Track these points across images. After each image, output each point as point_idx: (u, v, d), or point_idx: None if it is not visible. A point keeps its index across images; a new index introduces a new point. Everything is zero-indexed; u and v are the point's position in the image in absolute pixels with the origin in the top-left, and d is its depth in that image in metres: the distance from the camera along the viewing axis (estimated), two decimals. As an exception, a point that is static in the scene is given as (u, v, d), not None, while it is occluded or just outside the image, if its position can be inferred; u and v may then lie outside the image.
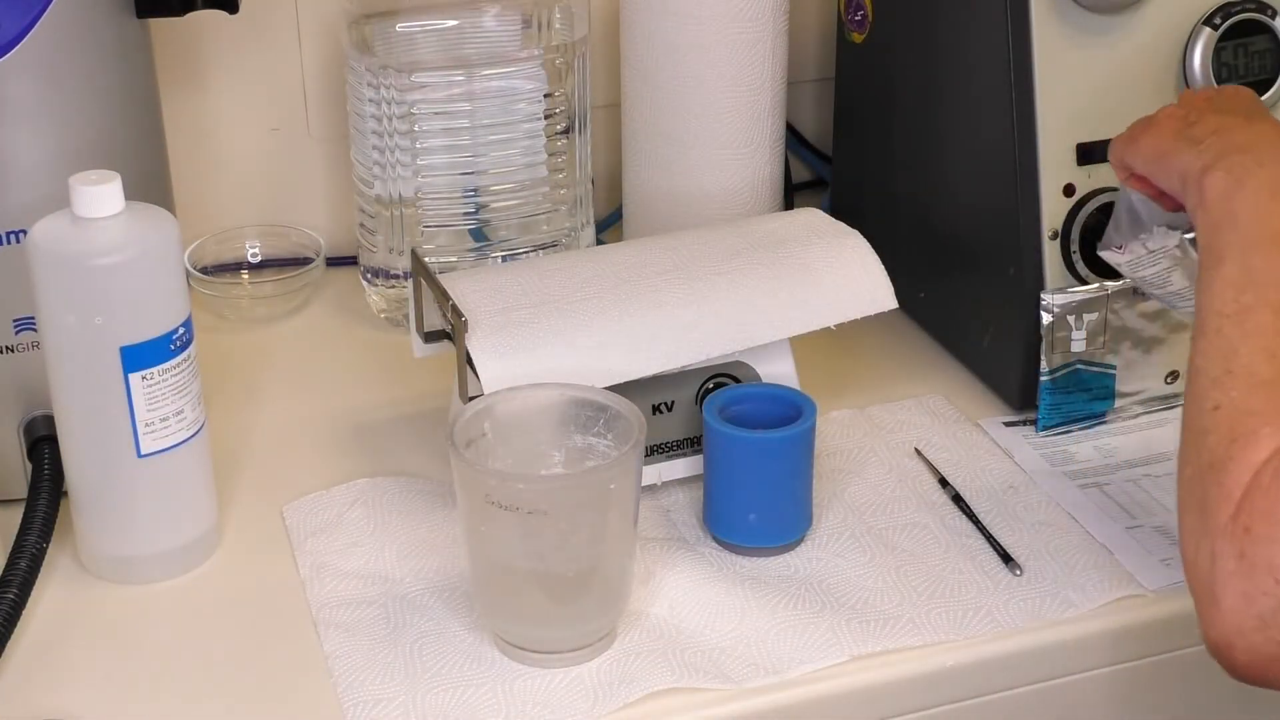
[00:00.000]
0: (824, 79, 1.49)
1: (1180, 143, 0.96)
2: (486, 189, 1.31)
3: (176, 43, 1.34)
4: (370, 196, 1.31)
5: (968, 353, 1.27)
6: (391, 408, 1.23)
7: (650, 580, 1.03)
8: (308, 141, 1.43)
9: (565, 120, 1.31)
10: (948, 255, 1.27)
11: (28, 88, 1.02)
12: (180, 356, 1.00)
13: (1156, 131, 0.99)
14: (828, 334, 1.10)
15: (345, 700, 0.94)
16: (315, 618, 1.00)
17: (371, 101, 1.26)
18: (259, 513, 1.11)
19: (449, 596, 1.02)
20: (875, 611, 1.00)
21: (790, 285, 1.10)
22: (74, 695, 0.95)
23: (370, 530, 1.08)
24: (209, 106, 1.39)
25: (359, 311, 1.37)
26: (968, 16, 1.20)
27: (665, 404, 1.09)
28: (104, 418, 0.99)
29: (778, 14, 1.29)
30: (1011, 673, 0.99)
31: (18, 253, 1.01)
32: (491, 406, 0.98)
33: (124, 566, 1.04)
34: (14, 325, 1.05)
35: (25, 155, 1.03)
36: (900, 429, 1.19)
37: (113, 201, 0.96)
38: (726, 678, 0.95)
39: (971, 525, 1.09)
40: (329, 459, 1.17)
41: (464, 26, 1.29)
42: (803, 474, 1.05)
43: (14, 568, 0.98)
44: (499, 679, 0.95)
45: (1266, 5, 1.18)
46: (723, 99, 1.29)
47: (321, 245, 1.39)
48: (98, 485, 1.02)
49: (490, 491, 0.92)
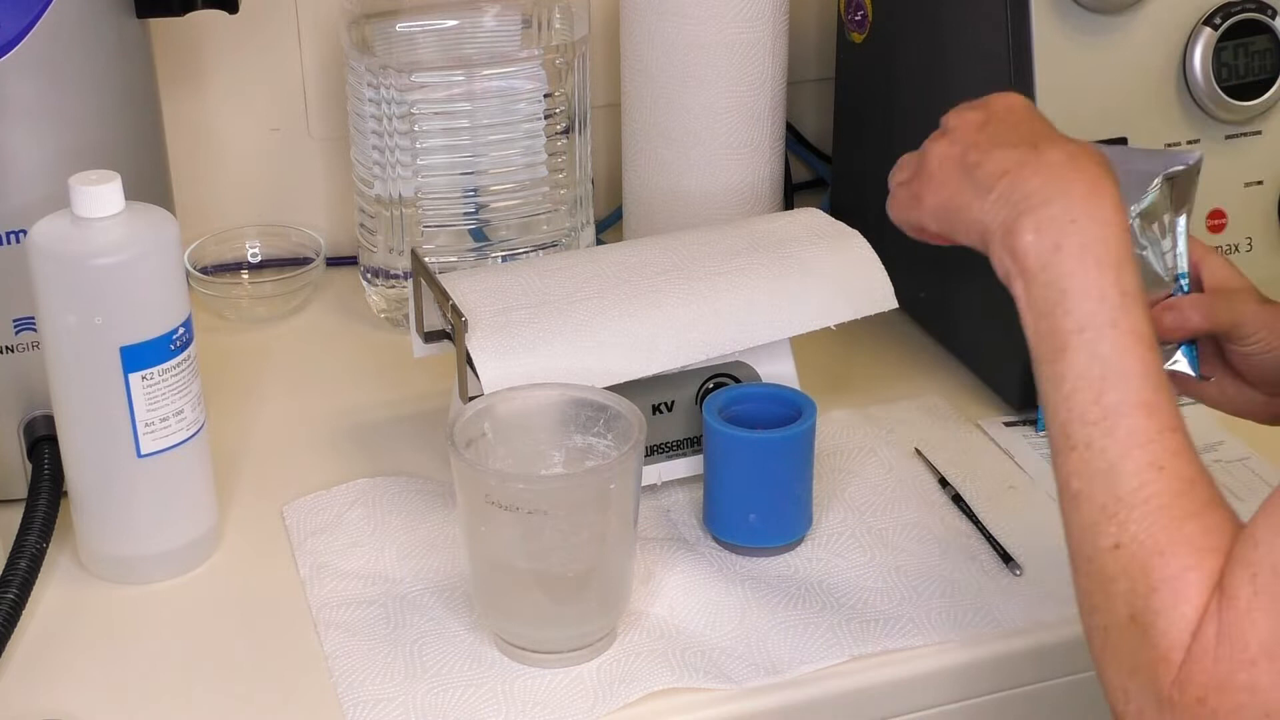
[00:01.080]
0: (824, 79, 1.49)
1: (968, 192, 0.84)
2: (486, 189, 1.31)
3: (176, 43, 1.34)
4: (370, 196, 1.31)
5: (968, 353, 1.27)
6: (391, 408, 1.23)
7: (650, 580, 1.03)
8: (308, 141, 1.43)
9: (565, 120, 1.31)
10: (948, 255, 1.26)
11: (28, 88, 1.02)
12: (180, 356, 1.00)
13: (937, 184, 0.87)
14: (828, 334, 1.10)
15: (345, 700, 0.94)
16: (315, 618, 1.00)
17: (371, 101, 1.26)
18: (259, 513, 1.11)
19: (449, 596, 1.02)
20: (875, 611, 1.00)
21: (790, 285, 1.10)
22: (74, 695, 0.95)
23: (370, 530, 1.08)
24: (209, 106, 1.39)
25: (359, 311, 1.37)
26: (968, 16, 1.20)
27: (665, 404, 1.09)
28: (104, 418, 0.99)
29: (778, 14, 1.29)
30: (1011, 673, 0.99)
31: (18, 253, 1.01)
32: (491, 406, 0.98)
33: (124, 566, 1.04)
34: (14, 325, 1.05)
35: (25, 155, 1.03)
36: (900, 429, 1.19)
37: (113, 201, 0.96)
38: (726, 678, 0.95)
39: (971, 525, 1.09)
40: (329, 459, 1.17)
41: (464, 26, 1.29)
42: (803, 474, 1.05)
43: (14, 568, 0.98)
44: (499, 679, 0.95)
45: (1266, 5, 1.18)
46: (723, 99, 1.29)
47: (321, 245, 1.39)
48: (98, 485, 1.02)
49: (490, 491, 0.92)
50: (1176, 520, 0.72)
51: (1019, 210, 0.80)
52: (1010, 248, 0.80)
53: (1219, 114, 1.18)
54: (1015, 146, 0.83)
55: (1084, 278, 0.77)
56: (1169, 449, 0.74)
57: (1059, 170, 0.81)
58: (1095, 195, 0.79)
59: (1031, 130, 0.85)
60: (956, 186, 0.85)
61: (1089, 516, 0.75)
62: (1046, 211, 0.79)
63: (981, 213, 0.83)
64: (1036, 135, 0.84)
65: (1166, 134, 1.17)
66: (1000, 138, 0.85)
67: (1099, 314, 0.77)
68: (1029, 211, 0.80)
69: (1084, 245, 0.78)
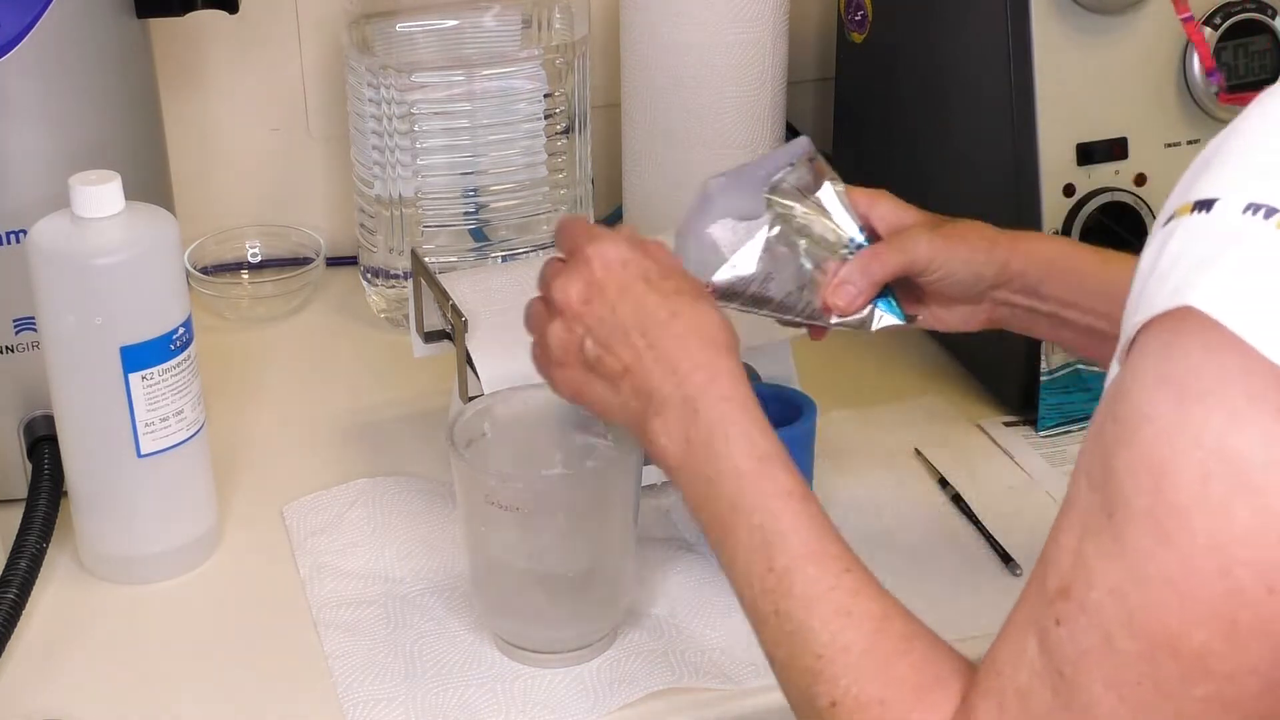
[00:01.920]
0: (824, 79, 1.49)
1: (598, 386, 0.84)
2: (486, 189, 1.31)
3: (176, 43, 1.34)
4: (370, 196, 1.31)
5: (968, 353, 1.27)
6: (391, 408, 1.23)
7: (650, 580, 1.03)
8: (308, 141, 1.43)
9: (565, 120, 1.31)
10: (948, 255, 1.27)
11: (28, 88, 1.02)
12: (180, 356, 1.00)
13: (567, 373, 0.85)
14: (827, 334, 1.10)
15: (345, 700, 0.94)
16: (315, 618, 1.00)
17: (371, 101, 1.26)
18: (259, 513, 1.11)
19: (449, 596, 1.02)
20: (875, 611, 1.00)
21: (790, 285, 1.09)
22: (74, 695, 0.95)
23: (370, 530, 1.08)
24: (209, 106, 1.39)
25: (359, 311, 1.37)
26: (968, 16, 1.20)
27: (665, 404, 1.09)
28: (104, 418, 0.99)
29: (778, 14, 1.29)
30: (1011, 673, 0.99)
31: (18, 253, 1.01)
32: (491, 406, 0.98)
33: (124, 566, 1.04)
34: (14, 325, 1.05)
35: (25, 155, 1.03)
36: (900, 429, 1.19)
37: (113, 201, 0.96)
38: (726, 678, 0.95)
39: (971, 525, 1.09)
40: (329, 459, 1.17)
41: (464, 26, 1.29)
42: (803, 474, 1.05)
43: (14, 568, 0.98)
44: (499, 679, 0.95)
45: (1266, 5, 1.18)
46: (723, 99, 1.29)
47: (321, 245, 1.39)
48: (98, 485, 1.02)
49: (490, 491, 0.91)
50: (884, 663, 0.71)
51: (645, 415, 0.81)
52: (650, 450, 0.81)
53: (1219, 114, 1.18)
54: (626, 335, 0.82)
55: (718, 461, 0.78)
56: (849, 590, 0.73)
57: (673, 360, 0.81)
58: (711, 378, 0.80)
59: (636, 301, 0.83)
60: (584, 379, 0.84)
61: (801, 681, 0.73)
62: (669, 412, 0.80)
63: (618, 412, 0.83)
64: (641, 309, 0.83)
65: (1166, 134, 1.17)
66: (609, 321, 0.83)
67: (743, 488, 0.77)
68: (654, 414, 0.80)
69: (710, 430, 0.79)
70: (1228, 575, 0.58)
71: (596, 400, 0.84)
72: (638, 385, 0.81)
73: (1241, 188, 0.59)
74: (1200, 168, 0.62)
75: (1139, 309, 0.61)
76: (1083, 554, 0.62)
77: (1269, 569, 0.58)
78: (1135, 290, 0.62)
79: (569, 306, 0.84)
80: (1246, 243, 0.58)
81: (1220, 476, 0.57)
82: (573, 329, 0.84)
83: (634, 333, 0.82)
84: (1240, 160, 0.61)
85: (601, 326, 0.83)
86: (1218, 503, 0.58)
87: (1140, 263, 0.63)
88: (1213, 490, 0.58)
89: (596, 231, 0.87)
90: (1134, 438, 0.60)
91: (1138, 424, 0.60)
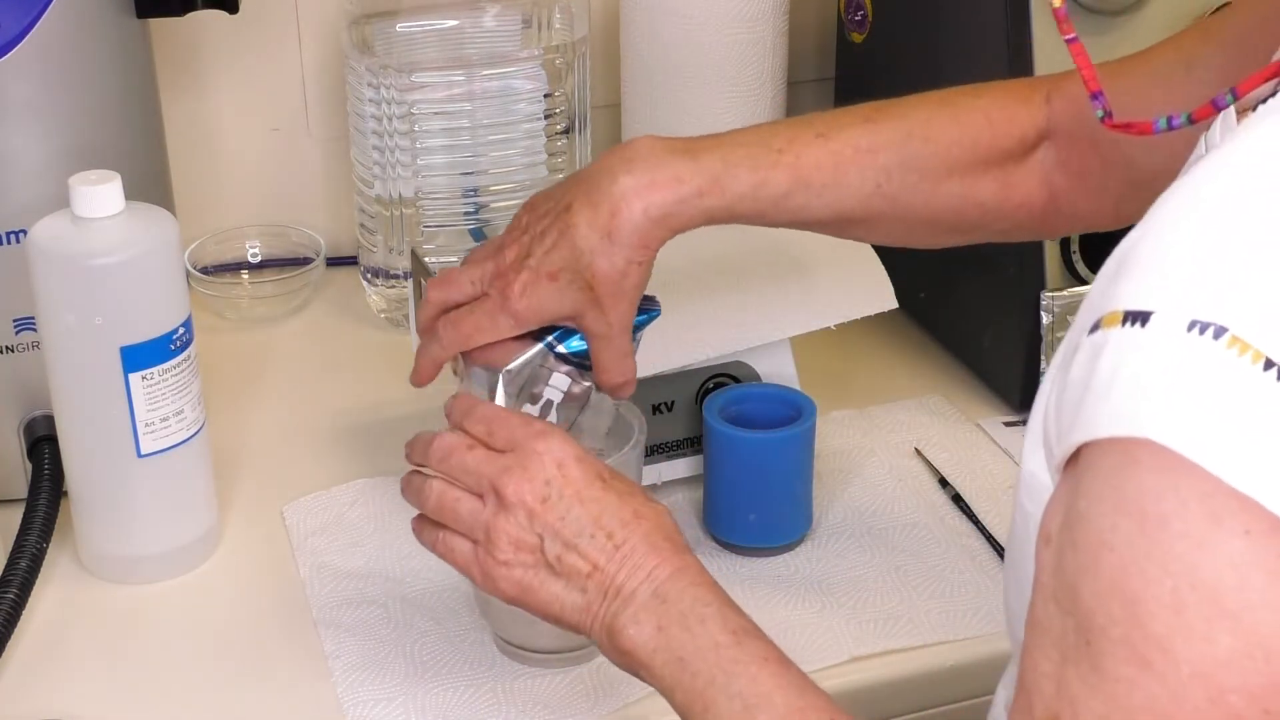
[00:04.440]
0: (824, 79, 1.49)
1: (555, 586, 0.82)
2: (486, 189, 1.31)
3: (176, 43, 1.34)
4: (370, 196, 1.31)
5: (968, 353, 1.27)
6: (391, 408, 1.23)
7: (650, 580, 1.02)
8: (308, 141, 1.43)
9: (565, 120, 1.31)
10: (948, 255, 1.26)
11: (28, 88, 1.02)
12: (180, 356, 1.00)
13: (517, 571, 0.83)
14: (828, 334, 1.10)
15: (345, 700, 0.94)
16: (315, 618, 1.00)
17: (371, 101, 1.26)
18: (259, 513, 1.11)
19: (449, 596, 1.02)
20: (875, 611, 1.00)
21: (790, 285, 1.10)
22: (74, 695, 0.95)
23: (370, 530, 1.08)
24: (209, 106, 1.39)
25: (359, 311, 1.37)
26: (968, 17, 1.20)
27: (665, 404, 1.09)
28: (104, 418, 0.99)
29: (778, 14, 1.29)
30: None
31: (18, 253, 1.01)
32: (491, 406, 0.98)
33: (124, 566, 1.04)
34: (14, 325, 1.05)
35: (25, 155, 1.03)
36: (900, 429, 1.19)
37: (113, 201, 0.96)
38: (726, 678, 0.95)
39: (971, 525, 1.09)
40: (329, 459, 1.17)
41: (464, 26, 1.29)
42: (803, 474, 1.05)
43: (14, 568, 0.98)
44: (499, 679, 0.95)
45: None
46: (723, 99, 1.29)
47: (321, 245, 1.39)
48: (98, 485, 1.02)
49: (490, 491, 0.91)
50: None
51: (614, 611, 0.81)
52: (619, 648, 0.81)
53: (1219, 114, 1.18)
54: (594, 535, 0.82)
55: (694, 640, 0.78)
56: None
57: (642, 557, 0.81)
58: (678, 569, 0.81)
59: (597, 501, 0.83)
60: (535, 578, 0.83)
61: None
62: (639, 602, 0.80)
63: (572, 612, 0.82)
64: (605, 509, 0.83)
65: (1166, 134, 1.17)
66: (572, 521, 0.82)
67: (720, 659, 0.77)
68: (623, 608, 0.80)
69: (683, 613, 0.79)
70: (1218, 703, 0.56)
71: (548, 599, 0.83)
72: (605, 583, 0.81)
73: (1179, 302, 0.57)
74: (1116, 268, 0.60)
75: (1076, 427, 0.59)
76: (1065, 681, 0.61)
77: (1262, 692, 0.56)
78: (1070, 401, 0.60)
79: (523, 504, 0.82)
80: (1198, 367, 0.56)
81: (1195, 605, 0.56)
82: (528, 528, 0.82)
83: (600, 533, 0.82)
84: (1165, 265, 0.58)
85: (565, 526, 0.82)
86: (1197, 631, 0.56)
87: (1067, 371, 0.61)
88: (1190, 619, 0.56)
89: (538, 426, 0.85)
90: (1098, 566, 0.58)
91: (1099, 552, 0.58)
